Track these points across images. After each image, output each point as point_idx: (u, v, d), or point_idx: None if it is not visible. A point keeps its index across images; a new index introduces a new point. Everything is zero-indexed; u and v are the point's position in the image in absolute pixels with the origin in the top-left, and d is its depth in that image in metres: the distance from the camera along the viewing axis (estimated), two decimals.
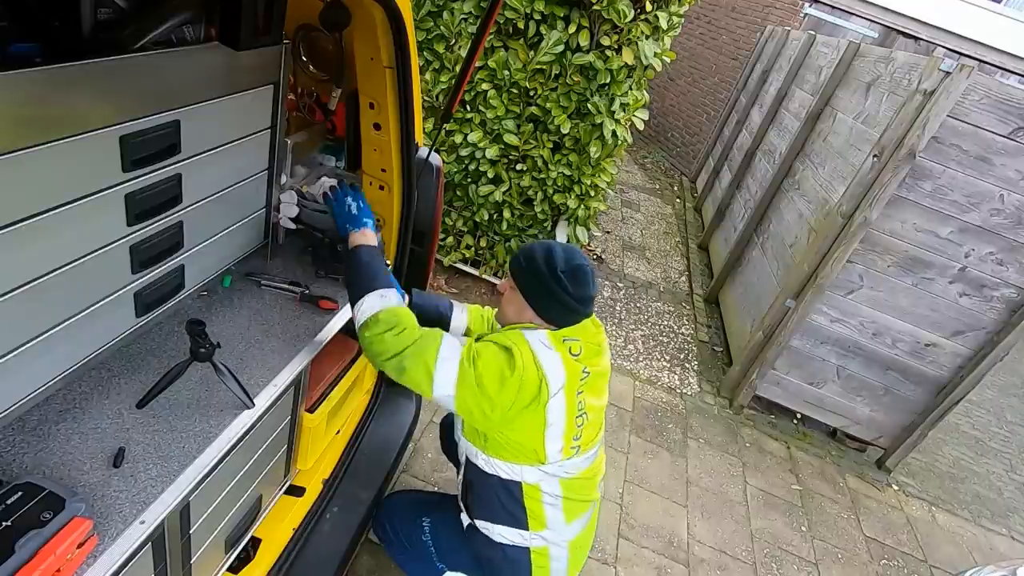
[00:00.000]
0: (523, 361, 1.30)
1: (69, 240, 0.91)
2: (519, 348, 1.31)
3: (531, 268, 1.38)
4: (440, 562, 1.65)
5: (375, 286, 1.36)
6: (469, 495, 1.53)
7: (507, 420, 1.33)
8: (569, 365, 1.36)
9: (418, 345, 1.30)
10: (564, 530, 1.50)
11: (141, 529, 0.92)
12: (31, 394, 0.95)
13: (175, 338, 1.30)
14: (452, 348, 1.31)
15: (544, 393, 1.31)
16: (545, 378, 1.31)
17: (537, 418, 1.34)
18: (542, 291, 1.37)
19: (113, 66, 0.87)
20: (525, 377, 1.29)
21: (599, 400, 1.48)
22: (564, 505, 1.47)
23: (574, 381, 1.37)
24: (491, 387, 1.28)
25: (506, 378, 1.29)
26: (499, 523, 1.48)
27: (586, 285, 1.37)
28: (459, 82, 1.50)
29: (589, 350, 1.42)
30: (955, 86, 2.55)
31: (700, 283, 4.97)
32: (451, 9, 3.05)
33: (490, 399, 1.29)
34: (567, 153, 3.20)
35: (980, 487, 3.53)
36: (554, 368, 1.33)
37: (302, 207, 1.60)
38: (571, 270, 1.35)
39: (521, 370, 1.29)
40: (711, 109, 7.74)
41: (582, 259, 1.39)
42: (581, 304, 1.38)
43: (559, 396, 1.34)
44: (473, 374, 1.28)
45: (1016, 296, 2.85)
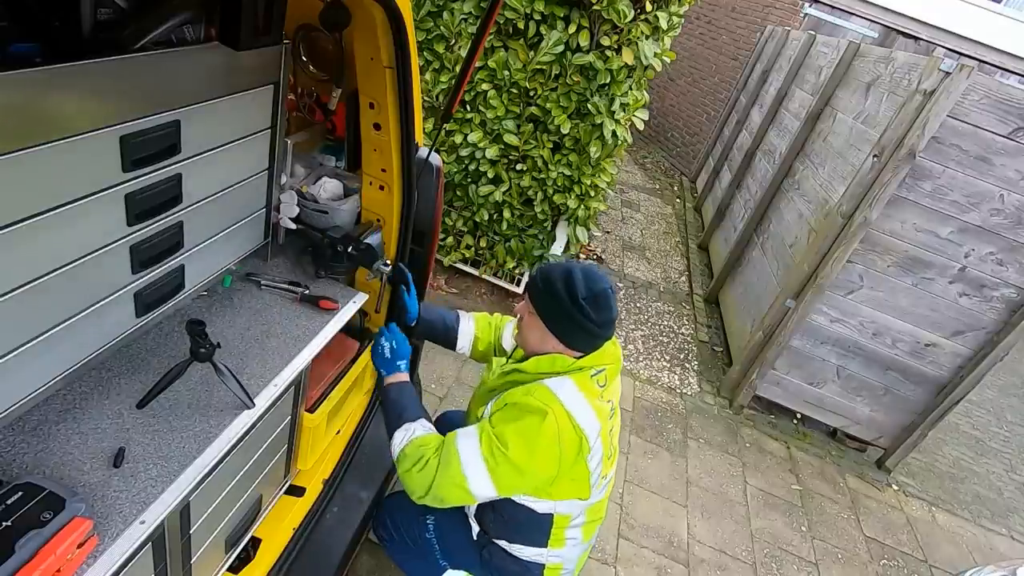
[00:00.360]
0: (559, 426, 1.25)
1: (69, 240, 0.91)
2: (552, 411, 1.25)
3: (551, 294, 1.32)
4: (444, 560, 1.65)
5: (400, 423, 1.41)
6: (487, 516, 1.51)
7: (554, 484, 1.33)
8: (600, 410, 1.33)
9: (441, 472, 1.28)
10: (579, 547, 1.54)
11: (141, 529, 0.92)
12: (31, 394, 0.95)
13: (175, 338, 1.30)
14: (471, 452, 1.27)
15: (585, 448, 1.30)
16: (584, 435, 1.28)
17: (581, 470, 1.33)
18: (564, 319, 1.31)
19: (113, 66, 0.87)
20: (563, 440, 1.26)
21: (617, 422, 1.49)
22: (585, 527, 1.51)
23: (605, 422, 1.35)
24: (527, 464, 1.26)
25: (539, 447, 1.25)
26: (519, 543, 1.50)
27: (608, 310, 1.31)
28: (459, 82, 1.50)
29: (612, 373, 1.40)
30: (955, 86, 2.55)
31: (700, 283, 4.98)
32: (451, 9, 3.05)
33: (531, 474, 1.27)
34: (567, 153, 3.20)
35: (980, 487, 3.53)
36: (590, 423, 1.30)
37: (302, 207, 1.60)
38: (593, 296, 1.29)
39: (557, 436, 1.25)
40: (711, 109, 7.74)
41: (603, 282, 1.33)
42: (604, 329, 1.33)
43: (597, 443, 1.33)
44: (504, 463, 1.25)
45: (1016, 296, 2.85)
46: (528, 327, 1.40)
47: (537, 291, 1.36)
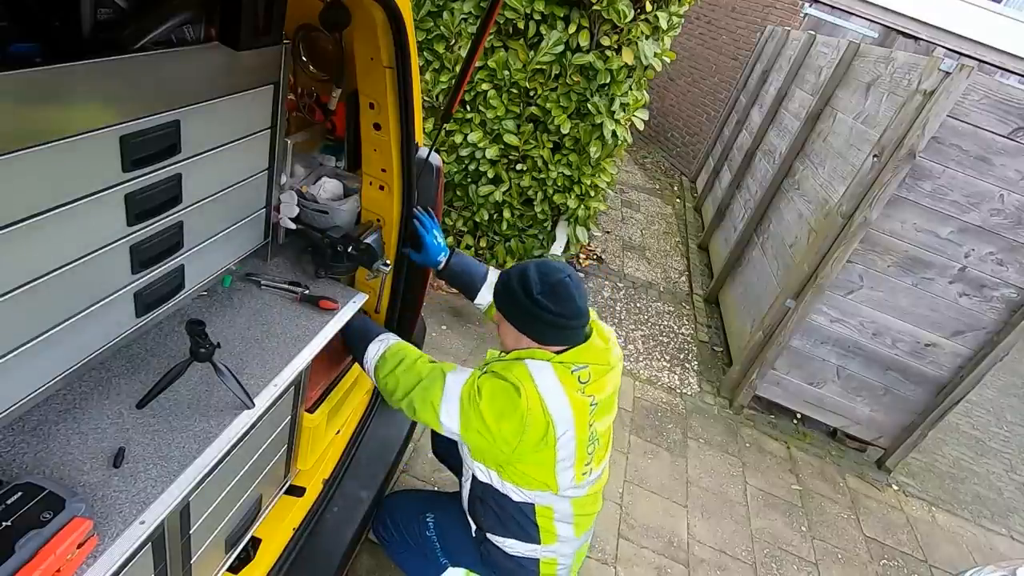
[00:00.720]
0: (528, 404, 1.27)
1: (69, 240, 0.91)
2: (525, 390, 1.27)
3: (510, 295, 1.34)
4: (444, 558, 1.66)
5: (370, 337, 1.50)
6: (478, 508, 1.53)
7: (516, 456, 1.33)
8: (576, 403, 1.32)
9: (423, 385, 1.34)
10: (573, 542, 1.55)
11: (141, 529, 0.92)
12: (31, 394, 0.95)
13: (175, 338, 1.30)
14: (455, 387, 1.32)
15: (551, 435, 1.30)
16: (552, 422, 1.29)
17: (546, 457, 1.34)
18: (527, 317, 1.32)
19: (113, 66, 0.87)
20: (529, 420, 1.27)
21: (609, 418, 1.48)
22: (575, 521, 1.51)
23: (583, 417, 1.34)
24: (493, 424, 1.28)
25: (507, 416, 1.27)
26: (511, 538, 1.51)
27: (570, 300, 1.30)
28: (459, 82, 1.50)
29: (597, 372, 1.37)
30: (955, 86, 2.55)
31: (700, 283, 4.98)
32: (451, 9, 3.05)
33: (492, 434, 1.29)
34: (567, 153, 3.20)
35: (980, 487, 3.54)
36: (561, 411, 1.30)
37: (302, 207, 1.60)
38: (549, 289, 1.29)
39: (525, 412, 1.26)
40: (711, 109, 7.75)
41: (560, 273, 1.31)
42: (572, 319, 1.31)
43: (568, 434, 1.32)
44: (475, 414, 1.29)
45: (1016, 296, 2.85)
46: (504, 332, 1.42)
47: (499, 296, 1.38)
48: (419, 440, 2.52)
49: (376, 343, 1.49)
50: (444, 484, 2.36)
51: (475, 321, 3.51)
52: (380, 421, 1.99)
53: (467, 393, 1.31)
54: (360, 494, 1.75)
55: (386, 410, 2.01)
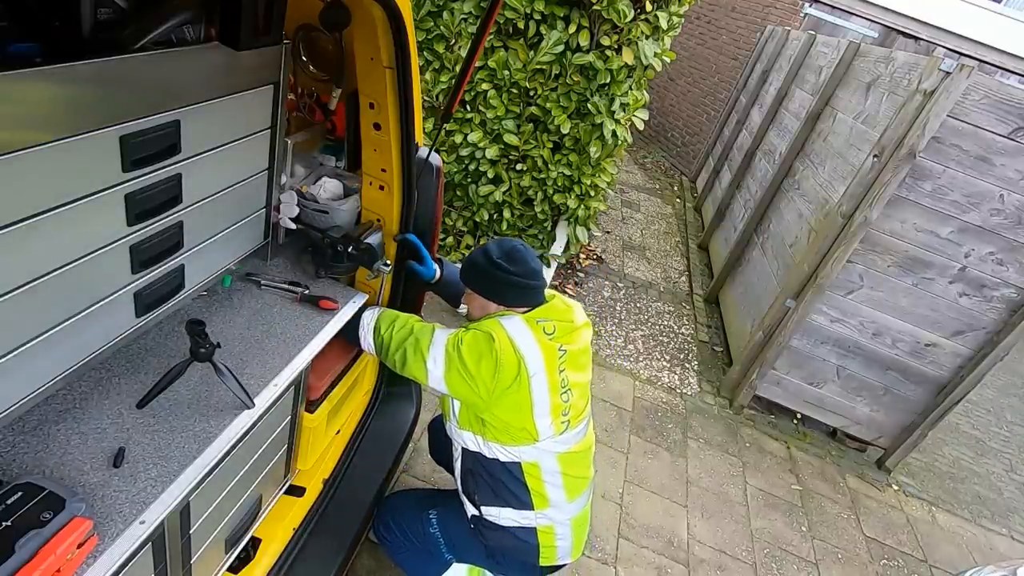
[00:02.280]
0: (500, 344, 1.42)
1: (69, 240, 0.91)
2: (496, 332, 1.44)
3: (474, 268, 1.52)
4: (449, 553, 1.66)
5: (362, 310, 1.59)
6: (470, 483, 1.59)
7: (494, 399, 1.44)
8: (545, 345, 1.47)
9: (414, 338, 1.48)
10: (567, 507, 1.58)
11: (141, 529, 0.92)
12: (31, 394, 0.95)
13: (175, 338, 1.30)
14: (441, 337, 1.47)
15: (524, 373, 1.43)
16: (523, 359, 1.43)
17: (522, 397, 1.45)
18: (490, 280, 1.50)
19: (113, 66, 0.87)
20: (502, 358, 1.41)
21: (583, 375, 1.59)
22: (564, 482, 1.56)
23: (552, 360, 1.48)
24: (472, 366, 1.41)
25: (485, 357, 1.41)
26: (505, 507, 1.55)
27: (524, 261, 1.49)
28: (459, 82, 1.50)
29: (563, 328, 1.52)
30: (955, 86, 2.55)
31: (700, 283, 4.98)
32: (451, 9, 3.05)
33: (473, 377, 1.41)
34: (567, 153, 3.20)
35: (980, 487, 3.54)
36: (530, 349, 1.45)
37: (302, 207, 1.60)
38: (505, 253, 1.49)
39: (498, 351, 1.41)
40: (711, 109, 7.75)
41: (513, 242, 1.53)
42: (529, 278, 1.49)
43: (540, 375, 1.45)
44: (457, 357, 1.43)
45: (1016, 296, 2.85)
46: (471, 305, 1.60)
47: (465, 271, 1.56)
48: (419, 440, 2.52)
49: (371, 310, 1.60)
50: (444, 484, 2.36)
51: None
52: (380, 421, 1.99)
53: (451, 342, 1.46)
54: (360, 494, 1.75)
55: (386, 410, 2.01)
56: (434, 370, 1.45)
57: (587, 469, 1.66)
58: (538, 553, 1.58)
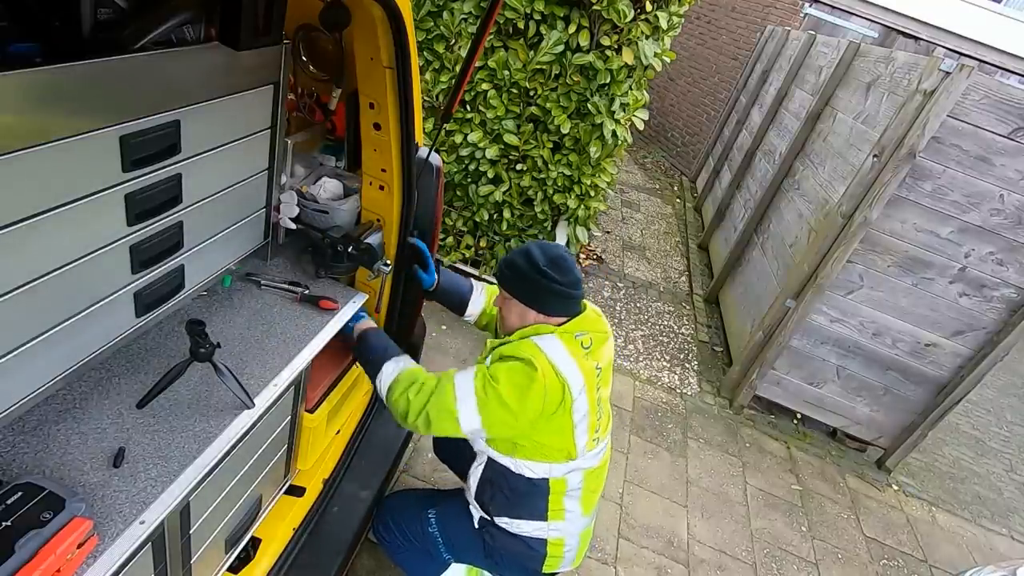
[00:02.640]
0: (543, 372, 1.34)
1: (69, 240, 0.91)
2: (537, 359, 1.35)
3: (516, 273, 1.44)
4: (447, 553, 1.66)
5: (388, 356, 1.50)
6: (487, 492, 1.55)
7: (536, 429, 1.40)
8: (584, 367, 1.41)
9: (436, 396, 1.38)
10: (580, 521, 1.58)
11: (141, 529, 0.92)
12: (31, 394, 0.95)
13: (175, 338, 1.30)
14: (466, 385, 1.38)
15: (568, 397, 1.37)
16: (567, 383, 1.37)
17: (565, 421, 1.40)
18: (533, 288, 1.43)
19: (113, 66, 0.87)
20: (548, 384, 1.34)
21: (607, 391, 1.57)
22: (583, 496, 1.55)
23: (592, 380, 1.43)
24: (515, 403, 1.34)
25: (527, 389, 1.34)
26: (520, 519, 1.54)
27: (571, 271, 1.43)
28: (459, 82, 1.50)
29: (597, 340, 1.47)
30: (955, 86, 2.55)
31: (700, 283, 4.98)
32: (451, 9, 3.05)
33: (515, 414, 1.35)
34: (567, 153, 3.20)
35: (980, 487, 3.54)
36: (572, 373, 1.38)
37: (302, 207, 1.60)
38: (551, 261, 1.42)
39: (543, 378, 1.34)
40: (711, 109, 7.74)
41: (559, 249, 1.46)
42: (573, 288, 1.43)
43: (581, 398, 1.40)
44: (495, 398, 1.34)
45: (1016, 296, 2.85)
46: (507, 310, 1.50)
47: (504, 275, 1.48)
48: (419, 440, 2.52)
49: (392, 363, 1.49)
50: (444, 484, 2.36)
51: None
52: (380, 421, 1.99)
53: (480, 385, 1.36)
54: (360, 494, 1.75)
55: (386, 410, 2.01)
56: (469, 422, 1.37)
57: (602, 483, 1.65)
58: (543, 561, 1.58)
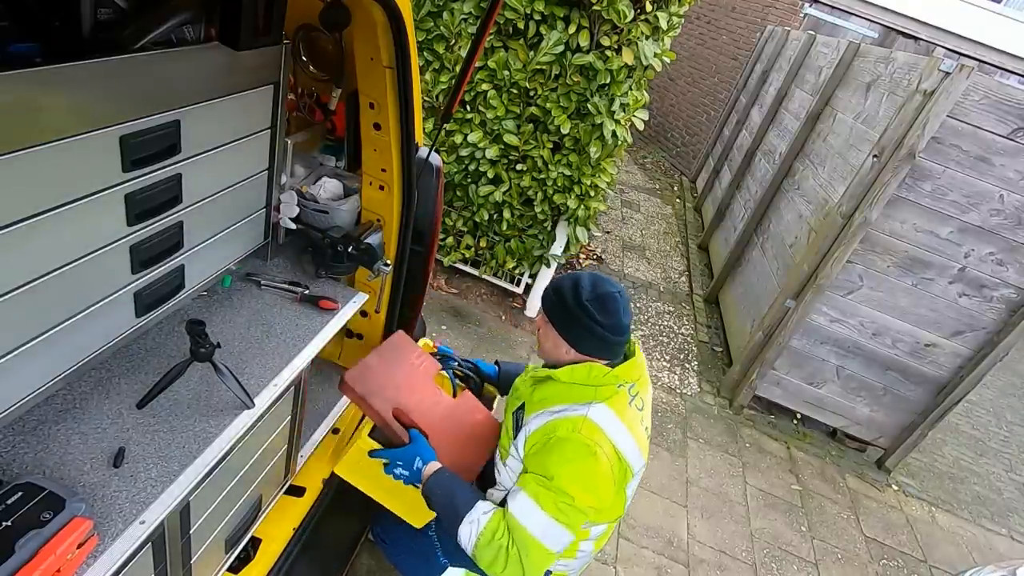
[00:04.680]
0: (610, 463, 1.27)
1: (69, 240, 0.91)
2: (602, 448, 1.26)
3: (558, 298, 1.35)
4: (444, 557, 1.65)
5: (460, 518, 1.33)
6: None
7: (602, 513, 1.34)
8: (641, 441, 1.35)
9: (524, 557, 1.26)
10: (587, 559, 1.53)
11: (141, 529, 0.92)
12: (31, 394, 0.95)
13: (175, 338, 1.30)
14: (540, 522, 1.26)
15: (629, 477, 1.33)
16: (630, 467, 1.32)
17: (623, 497, 1.36)
18: (571, 322, 1.33)
19: (113, 66, 0.87)
20: (614, 468, 1.28)
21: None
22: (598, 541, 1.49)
23: (646, 447, 1.38)
24: (593, 505, 1.28)
25: (600, 487, 1.28)
26: None
27: (616, 313, 1.30)
28: (459, 82, 1.50)
29: (643, 392, 1.40)
30: (955, 86, 2.55)
31: (700, 283, 4.98)
32: (451, 9, 3.05)
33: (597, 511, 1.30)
34: (567, 153, 3.20)
35: (980, 487, 3.54)
36: (633, 454, 1.33)
37: (302, 207, 1.60)
38: (597, 298, 1.30)
39: (611, 472, 1.27)
40: (711, 109, 7.75)
41: (611, 286, 1.33)
42: (614, 334, 1.31)
43: (639, 473, 1.38)
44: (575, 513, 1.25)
45: (1015, 296, 2.85)
46: (544, 336, 1.43)
47: (548, 298, 1.39)
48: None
49: (466, 526, 1.33)
50: None
51: (475, 321, 3.52)
52: None
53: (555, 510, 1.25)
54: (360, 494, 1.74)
55: None
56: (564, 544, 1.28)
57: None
58: None
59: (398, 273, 1.76)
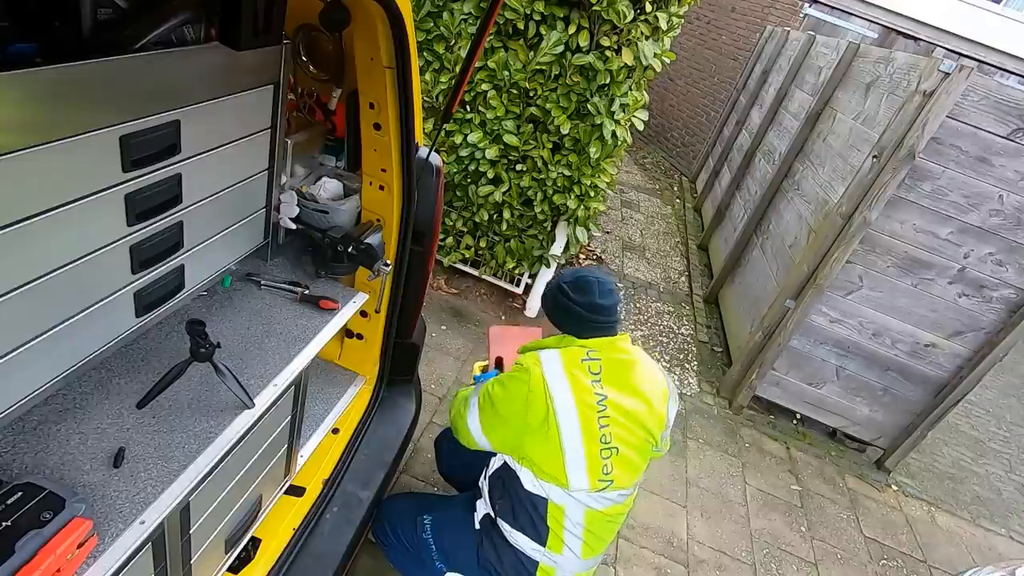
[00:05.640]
0: (531, 383, 1.40)
1: (69, 240, 0.91)
2: (532, 372, 1.42)
3: (548, 291, 1.55)
4: (440, 562, 1.64)
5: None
6: (498, 490, 1.56)
7: (525, 442, 1.43)
8: (579, 387, 1.40)
9: (459, 407, 1.59)
10: (577, 563, 1.53)
11: (141, 529, 0.92)
12: (31, 394, 0.95)
13: (175, 338, 1.30)
14: (475, 395, 1.53)
15: (552, 417, 1.39)
16: (552, 403, 1.39)
17: (552, 442, 1.40)
18: (555, 306, 1.52)
19: (113, 66, 0.87)
20: (532, 394, 1.40)
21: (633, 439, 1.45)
22: (585, 538, 1.49)
23: (586, 404, 1.40)
24: (502, 408, 1.43)
25: (515, 394, 1.42)
26: (519, 531, 1.51)
27: (590, 293, 1.45)
28: (459, 82, 1.50)
29: (611, 370, 1.44)
30: (954, 87, 2.55)
31: (700, 283, 4.98)
32: (451, 9, 3.05)
33: (502, 418, 1.44)
34: (567, 154, 3.20)
35: (979, 488, 3.54)
36: (562, 394, 1.40)
37: (302, 207, 1.60)
38: (574, 281, 1.48)
39: (528, 391, 1.40)
40: (711, 109, 7.75)
41: (591, 274, 1.50)
42: (591, 312, 1.45)
43: (569, 420, 1.38)
44: (489, 404, 1.46)
45: (1015, 297, 2.85)
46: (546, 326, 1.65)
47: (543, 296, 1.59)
48: (419, 440, 2.52)
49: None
50: (444, 486, 2.36)
51: (475, 321, 3.52)
52: (380, 421, 1.99)
53: (484, 392, 1.49)
54: (360, 494, 1.75)
55: (386, 410, 2.01)
56: (474, 428, 1.50)
57: (610, 537, 1.58)
58: None
59: (398, 273, 1.76)
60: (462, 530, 1.61)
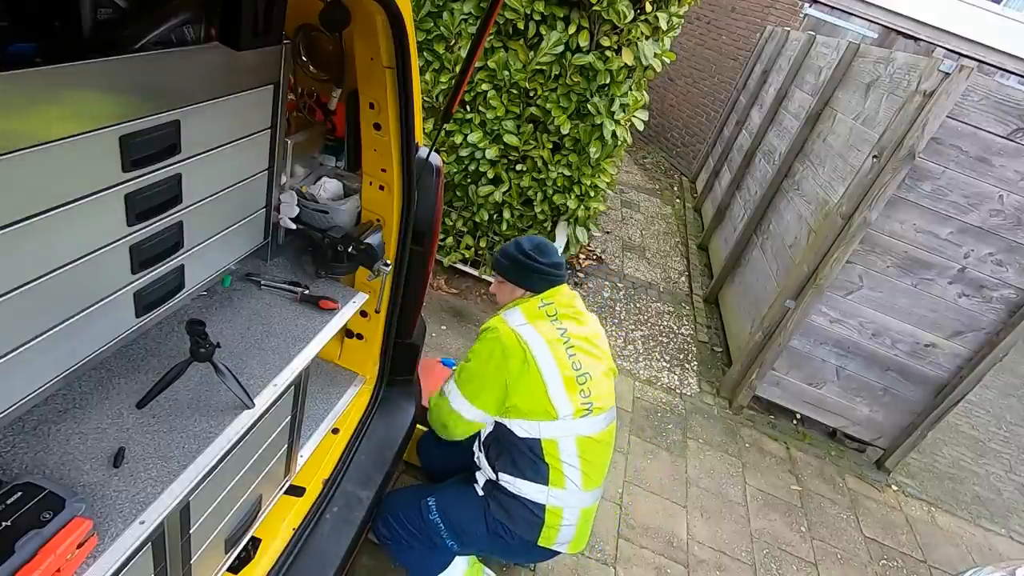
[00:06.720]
0: (503, 339, 1.60)
1: (69, 240, 0.91)
2: (499, 329, 1.63)
3: (508, 258, 1.76)
4: (451, 539, 1.68)
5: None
6: (493, 449, 1.70)
7: (512, 392, 1.60)
8: (543, 328, 1.64)
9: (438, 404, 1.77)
10: (580, 495, 1.66)
11: (141, 529, 0.92)
12: (31, 394, 0.95)
13: (175, 338, 1.30)
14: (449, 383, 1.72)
15: (530, 358, 1.59)
16: (527, 345, 1.60)
17: (535, 380, 1.59)
18: (521, 269, 1.73)
19: (113, 66, 0.87)
20: (507, 345, 1.59)
21: (598, 363, 1.72)
22: (583, 467, 1.64)
23: (556, 342, 1.63)
24: (483, 369, 1.60)
25: (491, 354, 1.60)
26: (522, 477, 1.63)
27: (553, 254, 1.74)
28: (459, 82, 1.50)
29: (565, 312, 1.71)
30: (954, 87, 2.55)
31: (700, 283, 4.98)
32: (451, 9, 3.05)
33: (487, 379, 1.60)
34: (567, 154, 3.20)
35: (979, 488, 3.54)
36: (530, 333, 1.62)
37: (302, 207, 1.60)
38: (535, 246, 1.74)
39: (502, 346, 1.59)
40: (711, 109, 7.75)
41: (540, 239, 1.78)
42: (554, 268, 1.73)
43: (545, 356, 1.60)
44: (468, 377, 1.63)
45: (1015, 297, 2.85)
46: (499, 292, 1.83)
47: (499, 262, 1.79)
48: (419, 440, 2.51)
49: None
50: None
51: (475, 321, 3.51)
52: (380, 421, 1.99)
53: (457, 374, 1.67)
54: (360, 494, 1.75)
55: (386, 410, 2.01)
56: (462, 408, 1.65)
57: (604, 464, 1.74)
58: (540, 531, 1.63)
59: (398, 273, 1.76)
60: (467, 500, 1.70)
